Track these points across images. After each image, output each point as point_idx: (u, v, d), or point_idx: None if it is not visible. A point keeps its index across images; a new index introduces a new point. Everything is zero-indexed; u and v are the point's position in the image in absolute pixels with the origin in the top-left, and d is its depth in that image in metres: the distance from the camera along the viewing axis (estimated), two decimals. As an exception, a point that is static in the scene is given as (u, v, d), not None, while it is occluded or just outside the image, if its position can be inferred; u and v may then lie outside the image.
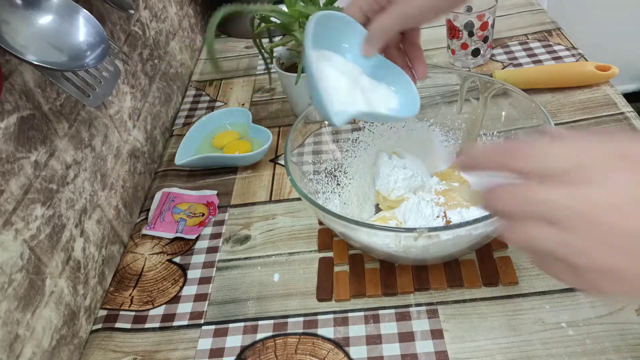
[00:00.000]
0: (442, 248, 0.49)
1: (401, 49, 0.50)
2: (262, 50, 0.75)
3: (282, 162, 0.74)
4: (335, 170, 0.64)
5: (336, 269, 0.57)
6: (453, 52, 0.85)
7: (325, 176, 0.63)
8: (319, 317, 0.53)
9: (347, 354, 0.49)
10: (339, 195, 0.62)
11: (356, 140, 0.66)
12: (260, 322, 0.53)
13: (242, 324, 0.53)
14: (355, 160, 0.65)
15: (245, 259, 0.61)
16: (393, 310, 0.52)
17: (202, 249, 0.62)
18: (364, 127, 0.66)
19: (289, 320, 0.53)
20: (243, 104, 0.88)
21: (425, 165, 0.63)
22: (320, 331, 0.51)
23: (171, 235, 0.64)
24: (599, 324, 0.47)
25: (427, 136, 0.66)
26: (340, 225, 0.49)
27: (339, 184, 0.63)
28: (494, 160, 0.32)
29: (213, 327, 0.54)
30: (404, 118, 0.53)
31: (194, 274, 0.60)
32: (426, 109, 0.67)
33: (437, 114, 0.66)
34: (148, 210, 0.69)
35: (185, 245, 0.63)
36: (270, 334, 0.52)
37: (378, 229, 0.46)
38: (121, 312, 0.57)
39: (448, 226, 0.44)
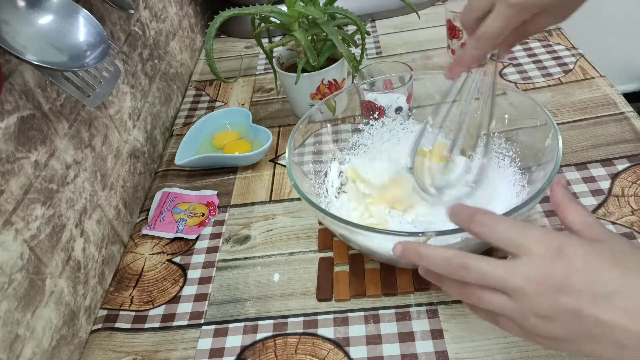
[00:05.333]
0: None
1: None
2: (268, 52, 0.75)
3: (282, 162, 0.74)
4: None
5: (336, 269, 0.57)
6: (453, 52, 0.85)
7: (327, 175, 0.63)
8: (319, 317, 0.53)
9: (347, 354, 0.49)
10: (340, 195, 0.62)
11: (356, 143, 0.66)
12: (260, 322, 0.53)
13: (242, 324, 0.53)
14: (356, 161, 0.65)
15: (245, 259, 0.61)
16: (393, 310, 0.52)
17: (202, 249, 0.62)
18: (364, 129, 0.66)
19: (289, 320, 0.53)
20: (243, 104, 0.88)
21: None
22: (320, 331, 0.51)
23: (171, 235, 0.64)
24: (599, 324, 0.47)
25: (428, 137, 0.65)
26: (341, 228, 0.49)
27: (340, 185, 0.63)
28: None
29: (213, 327, 0.54)
30: None
31: (194, 274, 0.60)
32: (426, 109, 0.67)
33: (437, 114, 0.66)
34: (148, 210, 0.69)
35: (185, 245, 0.63)
36: (270, 334, 0.52)
37: (379, 233, 0.46)
38: (121, 312, 0.57)
39: (456, 229, 0.44)
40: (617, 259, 0.33)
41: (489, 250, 0.55)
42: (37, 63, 0.43)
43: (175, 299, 0.57)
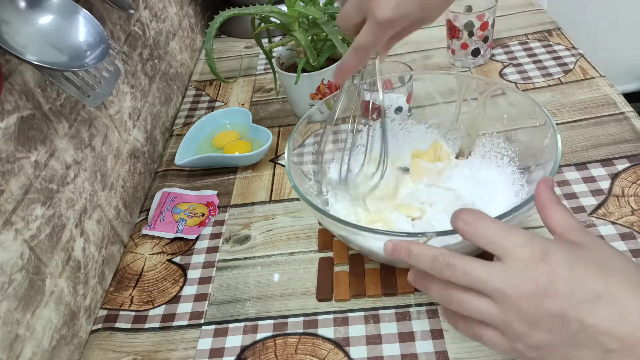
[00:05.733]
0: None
1: None
2: (267, 52, 0.75)
3: (282, 162, 0.74)
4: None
5: (336, 269, 0.57)
6: (453, 52, 0.85)
7: (326, 175, 0.62)
8: (319, 317, 0.53)
9: (347, 354, 0.49)
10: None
11: (354, 143, 0.66)
12: (260, 322, 0.53)
13: (242, 324, 0.53)
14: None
15: (245, 259, 0.61)
16: (393, 310, 0.52)
17: (202, 249, 0.62)
18: (362, 129, 0.66)
19: (289, 320, 0.53)
20: (243, 104, 0.88)
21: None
22: (320, 331, 0.51)
23: (171, 235, 0.64)
24: (599, 324, 0.47)
25: (425, 138, 0.65)
26: (341, 229, 0.49)
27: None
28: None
29: (213, 327, 0.54)
30: None
31: (194, 274, 0.60)
32: (425, 109, 0.67)
33: (437, 114, 0.66)
34: (148, 210, 0.69)
35: (185, 245, 0.63)
36: (270, 334, 0.52)
37: (378, 234, 0.46)
38: (121, 312, 0.57)
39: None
40: (601, 266, 0.33)
41: (487, 254, 0.55)
42: (37, 63, 0.43)
43: (175, 299, 0.57)
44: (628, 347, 0.31)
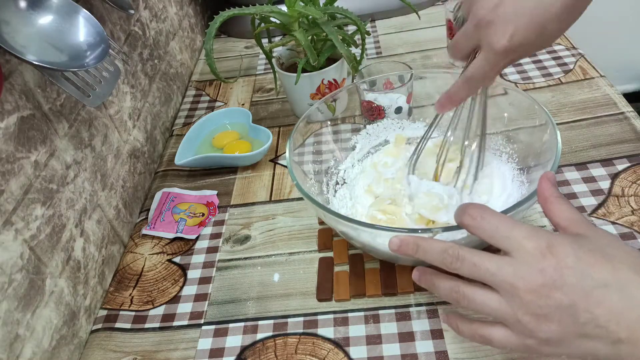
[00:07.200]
0: None
1: None
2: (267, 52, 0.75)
3: (282, 162, 0.74)
4: (336, 169, 0.64)
5: (336, 269, 0.57)
6: (453, 52, 0.85)
7: (327, 174, 0.63)
8: (319, 317, 0.53)
9: (347, 354, 0.49)
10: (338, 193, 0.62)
11: (356, 143, 0.66)
12: (260, 322, 0.53)
13: (242, 324, 0.53)
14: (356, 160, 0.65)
15: (245, 259, 0.61)
16: (393, 310, 0.52)
17: (202, 249, 0.62)
18: (361, 128, 0.66)
19: (289, 320, 0.53)
20: (243, 104, 0.88)
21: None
22: (320, 331, 0.51)
23: (171, 235, 0.64)
24: (599, 324, 0.47)
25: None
26: (344, 226, 0.49)
27: (341, 183, 0.63)
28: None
29: (213, 327, 0.54)
30: None
31: (194, 274, 0.60)
32: (427, 108, 0.67)
33: (436, 114, 0.65)
34: (148, 210, 0.69)
35: (185, 245, 0.63)
36: (270, 334, 0.52)
37: (383, 230, 0.46)
38: (121, 312, 0.57)
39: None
40: (606, 255, 0.33)
41: (492, 248, 0.55)
42: (37, 63, 0.43)
43: (175, 299, 0.57)
44: (637, 336, 0.31)
